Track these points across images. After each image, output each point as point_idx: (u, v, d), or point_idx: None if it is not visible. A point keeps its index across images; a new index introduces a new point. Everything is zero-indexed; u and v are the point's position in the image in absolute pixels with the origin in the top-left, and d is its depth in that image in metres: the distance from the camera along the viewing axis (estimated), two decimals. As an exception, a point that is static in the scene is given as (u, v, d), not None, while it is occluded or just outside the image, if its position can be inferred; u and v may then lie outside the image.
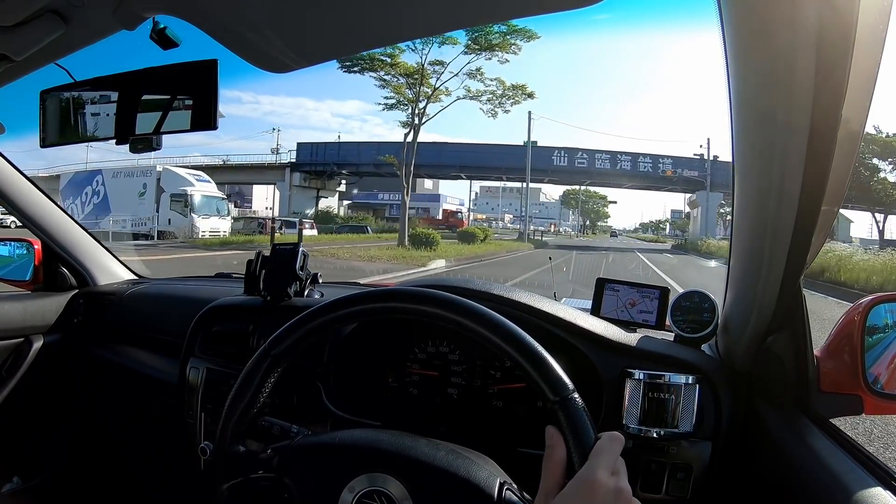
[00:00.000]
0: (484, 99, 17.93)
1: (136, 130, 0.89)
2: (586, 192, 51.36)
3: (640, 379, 0.81)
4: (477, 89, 17.74)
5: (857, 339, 0.70)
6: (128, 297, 1.52)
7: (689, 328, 0.90)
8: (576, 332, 0.89)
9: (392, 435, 0.69)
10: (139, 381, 1.38)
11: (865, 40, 0.50)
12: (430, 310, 0.67)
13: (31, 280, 1.52)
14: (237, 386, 0.71)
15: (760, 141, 0.61)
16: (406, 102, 17.22)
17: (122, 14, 0.76)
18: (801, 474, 0.67)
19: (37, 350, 1.46)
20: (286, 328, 0.71)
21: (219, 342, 1.11)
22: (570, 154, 28.31)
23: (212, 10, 0.71)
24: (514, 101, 18.25)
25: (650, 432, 0.79)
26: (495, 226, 48.35)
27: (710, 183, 25.26)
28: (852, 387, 0.70)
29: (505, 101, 18.13)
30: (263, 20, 0.71)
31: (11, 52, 0.83)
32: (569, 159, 28.18)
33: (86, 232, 1.60)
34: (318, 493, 0.66)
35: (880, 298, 0.72)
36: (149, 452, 1.50)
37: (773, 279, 0.68)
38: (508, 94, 18.04)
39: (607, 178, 29.20)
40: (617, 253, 19.95)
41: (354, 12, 0.68)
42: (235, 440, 0.70)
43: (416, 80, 16.51)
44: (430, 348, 1.02)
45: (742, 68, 0.59)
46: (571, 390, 0.60)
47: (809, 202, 0.59)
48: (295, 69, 0.81)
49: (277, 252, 1.13)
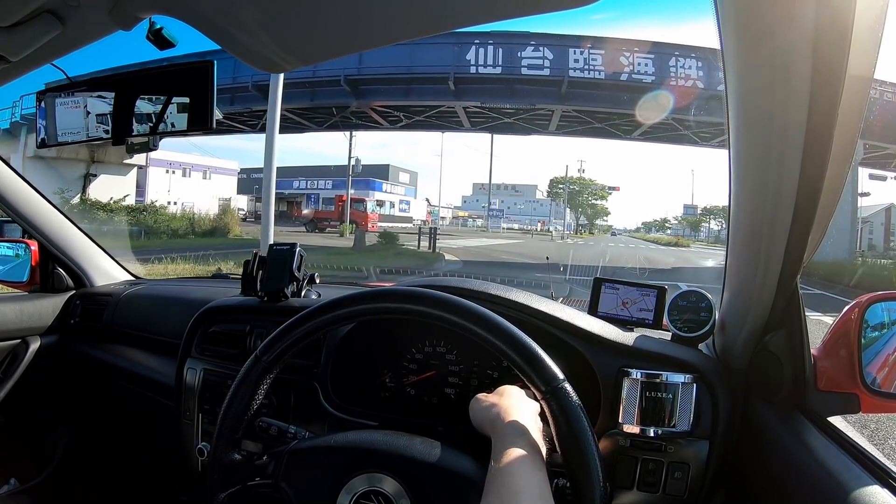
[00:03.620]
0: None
1: (132, 131, 0.89)
2: (580, 180, 42.94)
3: (638, 378, 0.81)
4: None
5: (854, 337, 0.70)
6: (125, 298, 1.51)
7: (687, 327, 0.91)
8: (573, 331, 0.89)
9: (388, 435, 0.69)
10: (136, 382, 1.38)
11: (862, 40, 0.50)
12: (422, 309, 0.67)
13: (28, 281, 1.52)
14: (230, 395, 0.71)
15: (758, 140, 0.61)
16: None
17: (118, 14, 0.75)
18: (799, 472, 0.68)
19: (34, 351, 1.46)
20: (277, 333, 0.71)
21: (216, 343, 1.10)
22: (509, 50, 15.58)
23: (206, 10, 0.71)
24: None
25: (647, 431, 0.80)
26: (471, 224, 44.41)
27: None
28: (849, 385, 0.70)
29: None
30: (258, 21, 0.71)
31: (7, 53, 0.82)
32: (505, 57, 15.69)
33: (83, 233, 1.60)
34: (315, 496, 0.66)
35: (877, 297, 0.72)
36: (146, 454, 1.50)
37: (769, 278, 0.69)
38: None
39: (590, 100, 16.11)
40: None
41: (348, 13, 0.68)
42: (231, 447, 0.70)
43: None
44: (428, 348, 1.02)
45: (739, 68, 0.59)
46: (562, 380, 0.60)
47: (806, 201, 0.59)
48: (289, 69, 0.81)
49: (274, 252, 1.13)
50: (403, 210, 39.51)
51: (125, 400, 1.46)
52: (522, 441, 0.60)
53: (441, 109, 18.36)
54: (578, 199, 43.63)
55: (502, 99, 17.03)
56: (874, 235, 21.86)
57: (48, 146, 0.98)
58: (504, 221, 45.57)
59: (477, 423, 0.71)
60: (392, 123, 20.27)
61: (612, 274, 3.98)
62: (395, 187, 40.40)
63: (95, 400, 1.56)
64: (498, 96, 16.84)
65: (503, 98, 16.95)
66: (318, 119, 19.72)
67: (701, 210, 45.08)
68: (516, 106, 17.60)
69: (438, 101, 17.39)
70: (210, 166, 31.86)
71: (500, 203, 55.68)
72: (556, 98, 16.37)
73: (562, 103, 16.53)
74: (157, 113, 0.87)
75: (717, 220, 43.95)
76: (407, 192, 42.07)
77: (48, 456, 1.56)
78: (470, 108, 17.96)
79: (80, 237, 1.59)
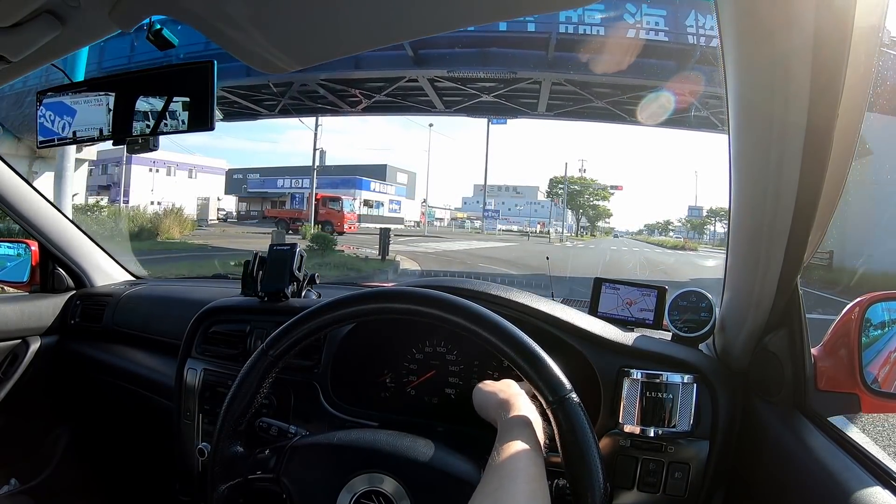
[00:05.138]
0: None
1: (132, 131, 0.89)
2: (581, 180, 41.14)
3: (638, 378, 0.81)
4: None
5: (854, 337, 0.70)
6: (125, 299, 1.52)
7: (687, 327, 0.91)
8: (573, 331, 0.89)
9: (390, 435, 0.69)
10: (136, 382, 1.38)
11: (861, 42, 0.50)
12: (427, 310, 0.67)
13: (29, 281, 1.52)
14: (234, 387, 0.71)
15: (758, 141, 0.61)
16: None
17: (118, 15, 0.75)
18: (799, 473, 0.68)
19: (34, 352, 1.46)
20: (283, 329, 0.71)
21: (216, 343, 1.10)
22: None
23: (206, 11, 0.71)
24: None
25: (648, 431, 0.80)
26: (468, 226, 42.37)
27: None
28: (850, 385, 0.70)
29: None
30: (257, 22, 0.71)
31: (8, 53, 0.83)
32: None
33: (83, 233, 1.60)
34: (316, 494, 0.66)
35: (878, 297, 0.72)
36: (146, 454, 1.50)
37: (770, 278, 0.69)
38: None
39: (586, 69, 13.04)
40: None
41: (347, 15, 0.68)
42: (233, 441, 0.70)
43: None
44: (428, 348, 1.02)
45: (740, 69, 0.59)
46: (569, 390, 0.60)
47: (806, 201, 0.59)
48: (289, 70, 0.81)
49: (275, 252, 1.13)
50: (394, 210, 38.32)
51: (125, 400, 1.46)
52: (526, 434, 0.61)
53: (401, 85, 15.39)
54: (579, 200, 41.99)
55: (474, 67, 13.81)
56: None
57: (48, 146, 0.98)
58: (502, 223, 43.81)
59: (481, 408, 0.72)
60: (352, 106, 17.50)
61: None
62: (387, 186, 39.05)
63: (95, 400, 1.56)
64: (469, 63, 13.67)
65: (475, 65, 13.77)
66: (269, 102, 17.37)
67: (707, 211, 43.69)
68: (492, 75, 14.18)
69: (396, 71, 14.38)
70: (196, 165, 31.27)
71: (501, 204, 54.65)
72: (542, 64, 13.40)
73: (550, 71, 13.45)
74: (158, 113, 0.87)
75: (722, 222, 42.33)
76: (398, 191, 40.59)
77: (48, 456, 1.56)
78: (438, 80, 14.87)
79: (81, 237, 1.59)
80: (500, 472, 0.56)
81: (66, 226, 1.55)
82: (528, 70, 13.66)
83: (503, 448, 0.58)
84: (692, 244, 34.96)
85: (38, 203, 1.48)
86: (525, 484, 0.54)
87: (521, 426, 0.63)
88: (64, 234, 1.54)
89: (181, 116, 0.86)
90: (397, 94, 16.33)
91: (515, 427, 0.63)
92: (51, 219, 1.51)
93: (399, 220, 36.60)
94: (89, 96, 0.92)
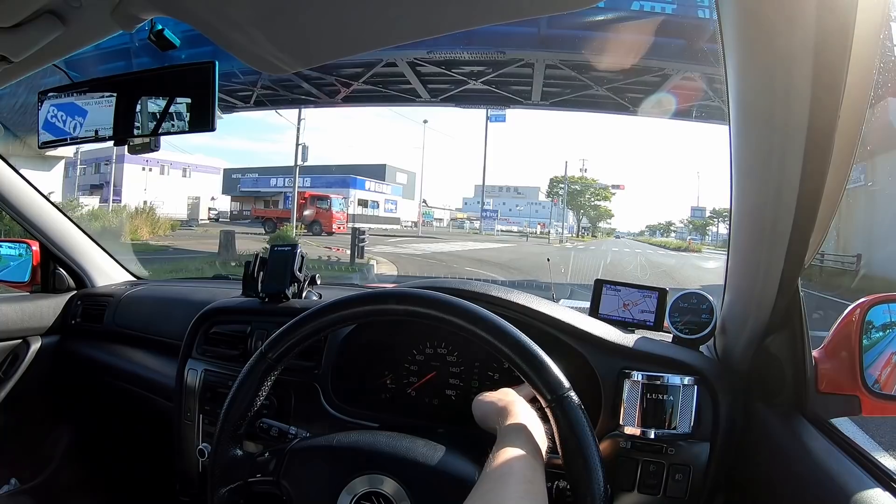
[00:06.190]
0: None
1: (134, 132, 0.89)
2: (582, 179, 39.82)
3: (639, 380, 0.81)
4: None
5: (855, 339, 0.70)
6: (126, 299, 1.52)
7: (688, 329, 0.90)
8: (574, 333, 0.89)
9: (390, 436, 0.69)
10: (136, 382, 1.38)
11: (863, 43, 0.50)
12: (426, 311, 0.67)
13: (29, 281, 1.52)
14: (233, 390, 0.71)
15: (759, 142, 0.61)
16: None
17: (120, 15, 0.75)
18: (800, 475, 0.67)
19: (34, 352, 1.46)
20: (282, 331, 0.71)
21: (217, 344, 1.10)
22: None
23: (207, 12, 0.71)
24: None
25: (648, 433, 0.79)
26: (468, 226, 41.44)
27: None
28: (850, 387, 0.70)
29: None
30: (258, 23, 0.71)
31: (10, 53, 0.83)
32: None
33: (84, 233, 1.60)
34: (316, 496, 0.66)
35: (879, 299, 0.72)
36: (146, 454, 1.50)
37: (771, 279, 0.68)
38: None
39: (582, 47, 11.90)
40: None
41: (349, 15, 0.68)
42: (233, 443, 0.70)
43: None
44: (428, 350, 1.02)
45: (741, 69, 0.59)
46: (567, 388, 0.60)
47: (807, 202, 0.59)
48: (290, 71, 0.82)
49: (276, 253, 1.13)
50: (390, 210, 37.36)
51: (126, 400, 1.46)
52: (524, 438, 0.61)
53: (379, 71, 13.92)
54: (580, 200, 40.59)
55: (458, 46, 12.16)
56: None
57: (49, 146, 0.98)
58: (501, 223, 42.81)
59: (481, 418, 0.73)
60: (330, 96, 15.86)
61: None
62: (383, 186, 38.01)
63: (96, 400, 1.56)
64: (450, 42, 11.87)
65: (459, 45, 12.08)
66: (243, 93, 15.74)
67: (710, 212, 42.93)
68: (478, 56, 12.66)
69: (371, 55, 11.88)
70: (190, 164, 30.73)
71: (502, 205, 53.79)
72: (533, 42, 11.96)
73: (542, 49, 11.98)
74: (159, 113, 0.87)
75: (726, 223, 42.16)
76: (395, 191, 39.48)
77: (48, 456, 1.56)
78: (419, 64, 13.32)
79: (82, 237, 1.59)
80: (493, 474, 0.56)
81: (67, 226, 1.55)
82: (518, 49, 12.19)
83: (499, 452, 0.58)
84: (696, 246, 33.59)
85: (39, 203, 1.48)
86: (518, 485, 0.54)
87: (517, 431, 0.63)
88: (65, 235, 1.54)
89: (182, 117, 0.86)
90: (377, 81, 14.97)
91: (512, 432, 0.63)
92: (52, 219, 1.51)
93: (395, 220, 36.08)
94: (91, 97, 0.92)
